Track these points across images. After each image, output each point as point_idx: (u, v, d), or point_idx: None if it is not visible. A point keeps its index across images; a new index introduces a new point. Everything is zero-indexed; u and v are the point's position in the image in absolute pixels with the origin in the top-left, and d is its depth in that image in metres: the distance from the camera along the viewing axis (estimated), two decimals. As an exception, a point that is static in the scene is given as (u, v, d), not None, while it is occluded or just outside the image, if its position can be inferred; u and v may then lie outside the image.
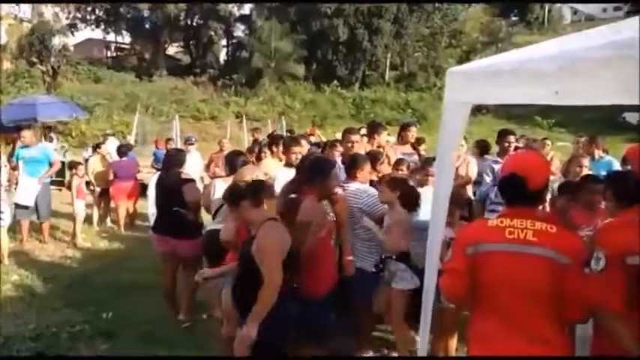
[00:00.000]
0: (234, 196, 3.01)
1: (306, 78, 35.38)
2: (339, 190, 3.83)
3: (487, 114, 28.92)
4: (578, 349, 2.87)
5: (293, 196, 3.18)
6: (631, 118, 23.51)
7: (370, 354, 3.93)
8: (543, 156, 2.43)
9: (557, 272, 1.96)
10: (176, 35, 41.12)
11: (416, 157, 5.60)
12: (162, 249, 4.78)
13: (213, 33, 41.04)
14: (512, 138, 5.29)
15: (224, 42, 43.57)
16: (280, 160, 5.39)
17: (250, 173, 3.64)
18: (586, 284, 1.93)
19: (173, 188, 4.63)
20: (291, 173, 4.11)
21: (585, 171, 4.50)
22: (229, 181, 4.25)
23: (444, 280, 2.21)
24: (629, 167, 3.37)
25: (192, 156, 7.92)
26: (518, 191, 2.09)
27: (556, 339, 2.04)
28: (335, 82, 34.52)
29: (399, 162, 4.86)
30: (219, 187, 4.39)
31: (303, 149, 4.84)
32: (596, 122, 22.56)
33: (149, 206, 5.66)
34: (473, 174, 5.41)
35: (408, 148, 5.72)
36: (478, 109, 29.05)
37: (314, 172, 3.25)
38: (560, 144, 14.21)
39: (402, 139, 5.84)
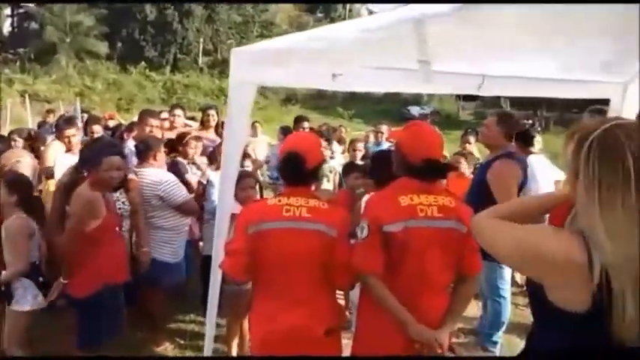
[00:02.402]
0: None
1: (109, 57, 32.35)
2: (132, 176, 3.57)
3: (296, 104, 30.46)
4: (354, 313, 3.18)
5: (65, 181, 2.82)
6: (414, 111, 27.44)
7: (166, 345, 3.77)
8: (318, 138, 2.58)
9: (328, 245, 2.10)
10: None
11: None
12: None
13: (-8, -1, 34.64)
14: (306, 124, 5.59)
15: (8, 11, 37.13)
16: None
17: (14, 158, 3.13)
18: (351, 252, 2.11)
19: None
20: (70, 159, 3.67)
21: (359, 154, 5.23)
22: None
23: (227, 261, 2.19)
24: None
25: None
26: (296, 169, 2.18)
27: (330, 309, 2.21)
28: (143, 63, 32.26)
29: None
30: None
31: (79, 131, 4.39)
32: (387, 114, 25.49)
33: None
34: (262, 156, 5.53)
35: (211, 134, 5.38)
36: (288, 100, 30.49)
37: (84, 160, 2.92)
38: (356, 133, 15.63)
39: (203, 125, 5.52)
